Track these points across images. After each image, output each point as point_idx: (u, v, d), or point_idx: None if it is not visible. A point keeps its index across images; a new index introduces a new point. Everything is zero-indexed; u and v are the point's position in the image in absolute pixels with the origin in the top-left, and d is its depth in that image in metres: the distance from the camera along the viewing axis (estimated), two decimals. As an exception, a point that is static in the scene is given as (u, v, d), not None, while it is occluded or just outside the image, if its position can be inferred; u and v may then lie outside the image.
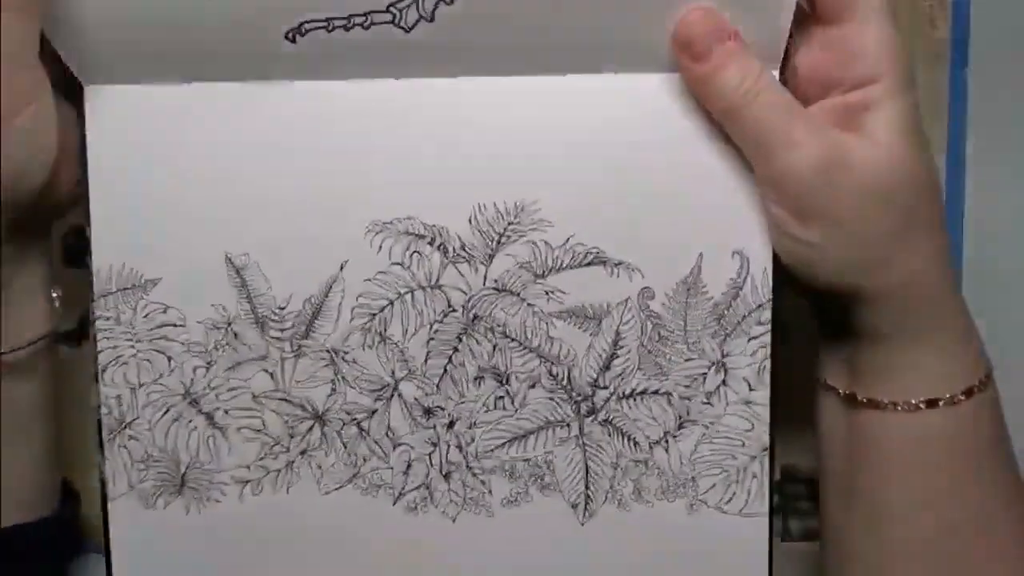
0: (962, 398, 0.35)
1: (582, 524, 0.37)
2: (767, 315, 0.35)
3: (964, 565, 0.35)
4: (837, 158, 0.32)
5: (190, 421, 0.38)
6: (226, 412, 0.38)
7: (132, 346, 0.38)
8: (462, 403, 0.37)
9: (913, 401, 0.35)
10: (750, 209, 0.35)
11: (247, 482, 0.38)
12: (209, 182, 0.37)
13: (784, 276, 0.35)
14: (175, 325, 0.38)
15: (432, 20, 0.33)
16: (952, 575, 0.35)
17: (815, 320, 0.38)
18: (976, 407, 0.35)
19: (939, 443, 0.35)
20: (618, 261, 0.36)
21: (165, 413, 0.38)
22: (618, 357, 0.36)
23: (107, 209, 0.37)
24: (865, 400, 0.35)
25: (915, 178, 0.33)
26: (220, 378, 0.38)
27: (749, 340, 0.36)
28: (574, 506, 0.37)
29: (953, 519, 0.35)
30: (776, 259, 0.35)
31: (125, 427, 0.38)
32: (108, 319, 0.38)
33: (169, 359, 0.38)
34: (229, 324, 0.37)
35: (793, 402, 0.38)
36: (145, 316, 0.38)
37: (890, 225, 0.33)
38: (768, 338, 0.36)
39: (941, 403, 0.35)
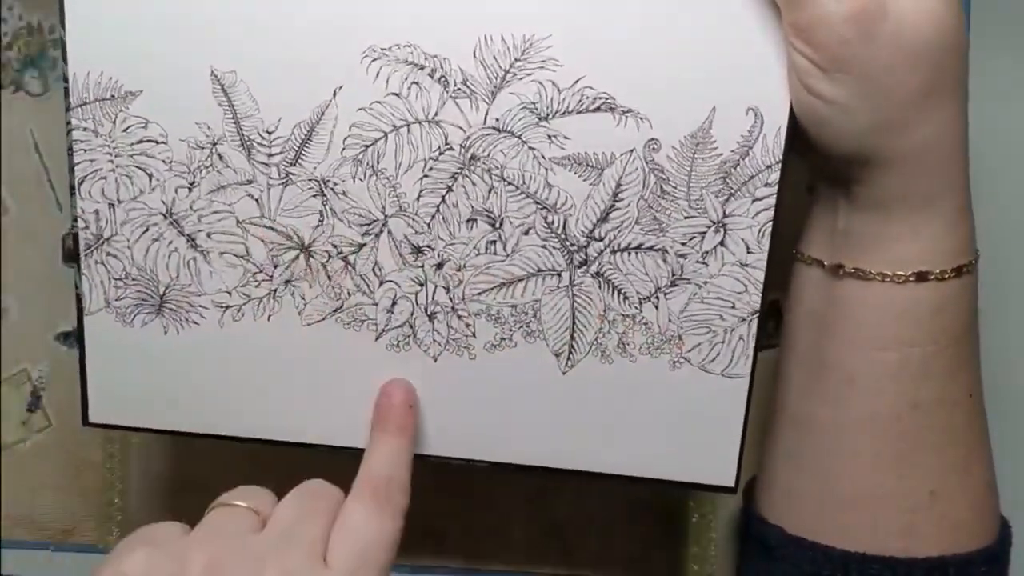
0: (951, 275, 0.34)
1: (563, 373, 0.37)
2: (775, 177, 0.34)
3: (924, 444, 0.36)
4: (876, 8, 0.31)
5: (171, 242, 0.37)
6: (208, 235, 0.37)
7: (111, 160, 0.36)
8: (452, 244, 0.36)
9: (902, 273, 0.34)
10: (770, 65, 0.33)
11: (227, 307, 0.37)
12: (196, -12, 0.34)
13: (794, 138, 0.34)
14: (156, 142, 0.36)
15: None
16: (912, 452, 0.36)
17: (804, 191, 0.37)
18: (960, 288, 0.35)
19: (919, 319, 0.35)
20: (627, 109, 0.34)
21: (145, 232, 0.37)
22: (617, 209, 0.35)
23: (84, 11, 0.35)
24: (852, 270, 0.35)
25: (950, 37, 0.32)
26: (203, 200, 0.36)
27: (753, 202, 0.35)
28: (557, 355, 0.36)
29: (919, 397, 0.35)
30: (790, 120, 0.34)
31: (103, 243, 0.37)
32: (85, 130, 0.36)
33: (150, 176, 0.36)
34: (214, 145, 0.36)
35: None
36: (125, 130, 0.36)
37: (919, 85, 0.32)
38: (773, 201, 0.35)
39: (931, 277, 0.34)
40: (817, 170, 0.37)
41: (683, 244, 0.35)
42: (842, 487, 0.36)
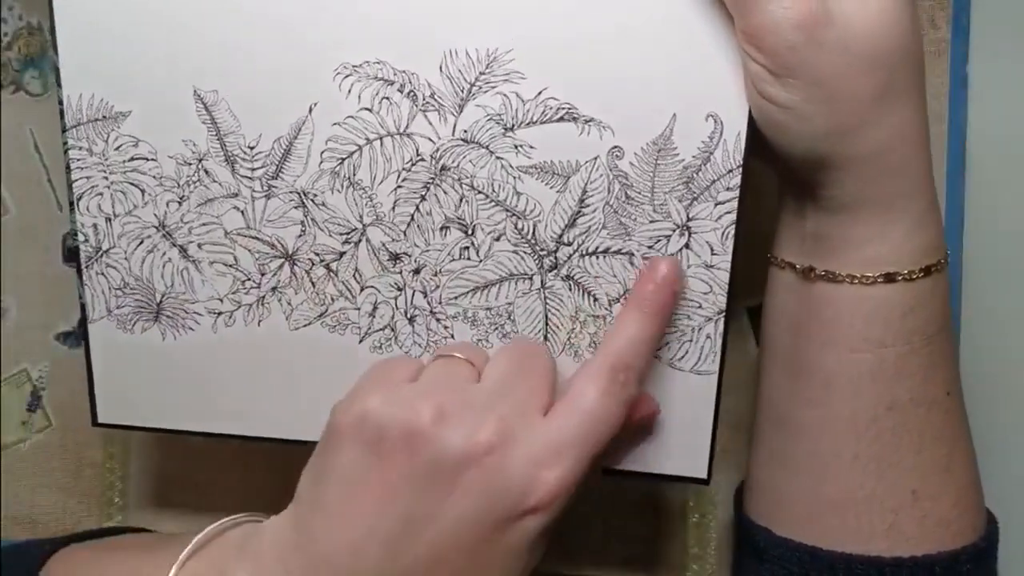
0: (920, 275, 0.35)
1: None
2: (736, 181, 0.35)
3: (904, 444, 0.36)
4: (821, 14, 0.31)
5: (164, 253, 0.39)
6: (199, 246, 0.39)
7: (106, 177, 0.38)
8: (428, 251, 0.37)
9: (871, 275, 0.35)
10: (728, 72, 0.34)
11: (220, 313, 0.39)
12: (178, 13, 0.36)
13: (756, 144, 0.35)
14: (147, 159, 0.38)
15: None
16: (892, 452, 0.36)
17: (772, 195, 0.38)
18: (931, 287, 0.35)
19: (890, 320, 0.35)
20: (589, 118, 0.35)
21: (140, 244, 0.39)
22: (583, 215, 0.36)
23: (74, 37, 0.37)
24: (822, 273, 0.36)
25: (900, 41, 0.32)
26: (193, 213, 0.38)
27: (716, 205, 0.35)
28: (532, 355, 0.38)
29: (896, 397, 0.36)
30: (749, 126, 0.34)
31: (102, 255, 0.39)
32: (81, 149, 0.38)
33: (142, 191, 0.38)
34: (200, 160, 0.38)
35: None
36: (117, 148, 0.38)
37: (871, 88, 0.32)
38: (735, 204, 0.35)
39: (899, 278, 0.35)
40: (782, 175, 0.37)
41: (649, 247, 0.36)
42: (825, 488, 0.37)
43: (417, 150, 0.36)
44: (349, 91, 0.36)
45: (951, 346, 0.37)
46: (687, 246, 0.36)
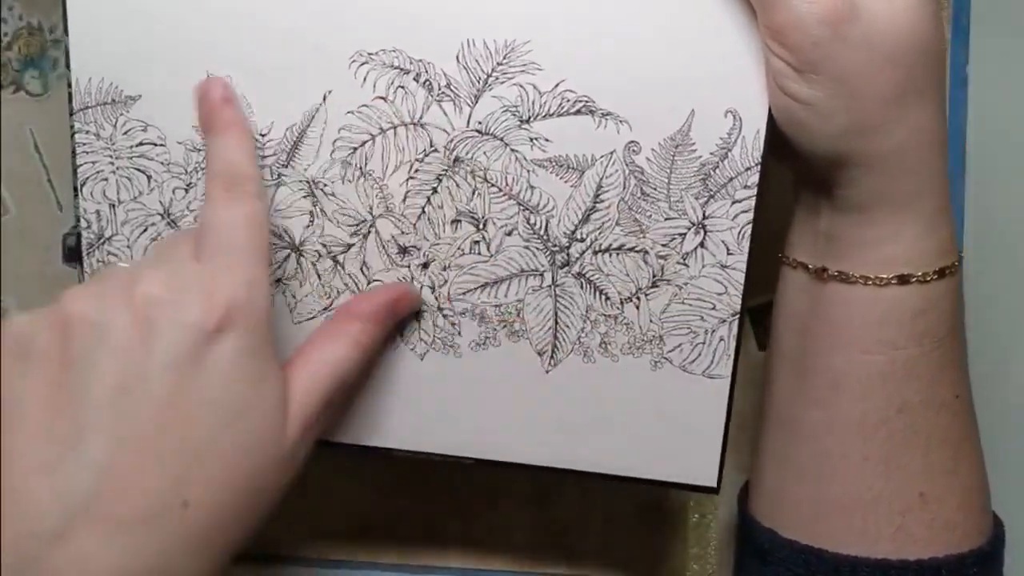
0: (934, 277, 0.34)
1: (546, 372, 0.37)
2: (754, 179, 0.35)
3: (912, 446, 0.36)
4: (847, 9, 0.31)
5: (168, 241, 0.38)
6: (204, 235, 0.38)
7: (112, 162, 0.38)
8: (438, 245, 0.37)
9: (884, 276, 0.34)
10: (749, 68, 0.34)
11: (223, 305, 0.38)
12: (192, -3, 0.36)
13: (773, 142, 0.34)
14: (155, 144, 0.37)
15: None
16: (900, 455, 0.36)
17: (782, 195, 0.37)
18: (944, 290, 0.35)
19: (902, 321, 0.35)
20: (607, 112, 0.35)
21: (144, 231, 0.38)
22: (598, 211, 0.36)
23: (86, 19, 0.36)
24: (835, 273, 0.35)
25: (924, 38, 0.32)
26: (199, 200, 0.38)
27: (733, 203, 0.35)
28: (540, 353, 0.37)
29: (905, 400, 0.35)
30: (769, 123, 0.34)
31: (104, 242, 0.38)
32: (87, 133, 0.37)
33: (149, 178, 0.38)
34: (209, 147, 0.37)
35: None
36: (125, 133, 0.37)
37: (893, 86, 0.32)
38: (752, 203, 0.35)
39: (913, 280, 0.34)
40: (797, 174, 0.37)
41: (663, 245, 0.36)
42: (832, 490, 0.36)
43: (431, 141, 0.36)
44: (364, 79, 0.36)
45: (962, 348, 0.37)
46: (702, 245, 0.35)
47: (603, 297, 0.36)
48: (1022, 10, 0.46)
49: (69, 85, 0.37)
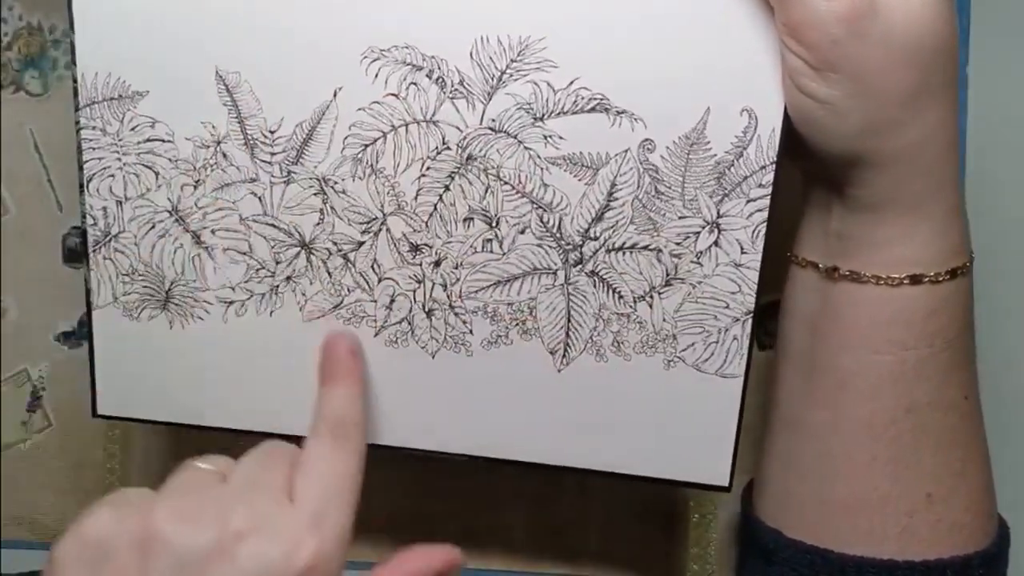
0: (945, 277, 0.34)
1: (559, 371, 0.37)
2: (769, 178, 0.34)
3: (920, 447, 0.36)
4: (866, 7, 0.31)
5: (176, 239, 0.38)
6: (213, 232, 0.37)
7: (119, 158, 0.37)
8: (450, 243, 0.36)
9: (896, 276, 0.34)
10: (765, 66, 0.33)
11: (231, 303, 0.38)
12: (201, -9, 0.35)
13: (787, 142, 0.34)
14: (163, 140, 0.37)
15: None
16: (908, 455, 0.36)
17: (800, 193, 0.37)
18: (955, 291, 0.35)
19: (913, 322, 0.35)
20: (621, 110, 0.34)
21: (151, 228, 0.38)
22: (611, 209, 0.35)
23: (92, 13, 0.36)
24: (847, 273, 0.35)
25: (940, 37, 0.32)
26: (208, 198, 0.37)
27: (747, 202, 0.35)
28: (552, 352, 0.37)
29: (914, 400, 0.35)
30: (784, 121, 0.34)
31: (110, 239, 0.38)
32: (94, 129, 0.37)
33: (156, 174, 0.37)
34: (218, 143, 0.37)
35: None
36: (132, 129, 0.37)
37: (909, 85, 0.32)
38: (767, 202, 0.35)
39: (925, 280, 0.34)
40: (809, 173, 0.37)
41: (677, 244, 0.35)
42: (838, 490, 0.36)
43: (443, 138, 0.35)
44: (376, 76, 0.35)
45: (971, 349, 0.37)
46: (716, 243, 0.35)
47: (616, 296, 0.36)
48: (1022, 10, 0.46)
49: (75, 80, 0.37)
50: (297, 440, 0.38)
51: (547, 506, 0.50)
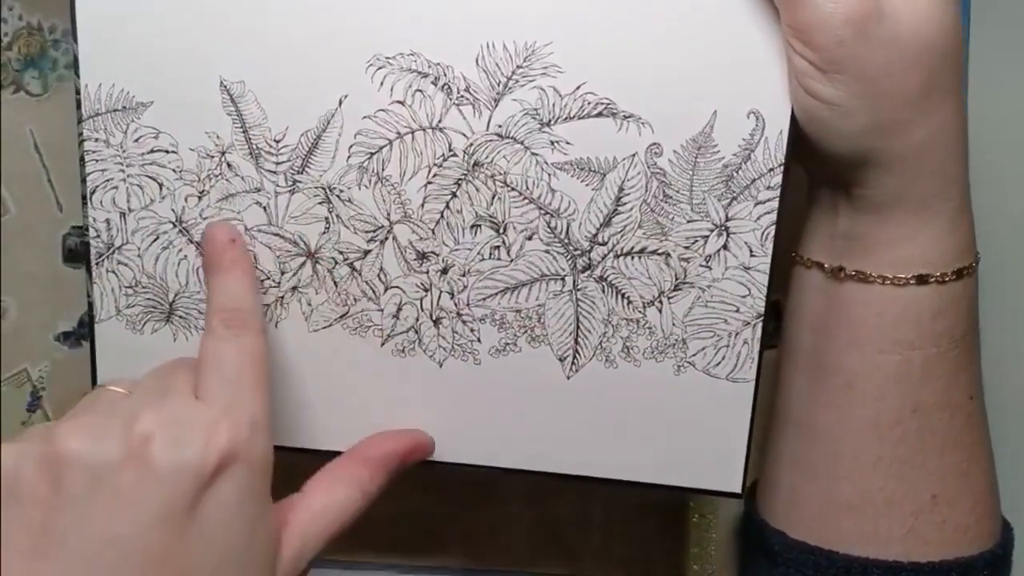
0: (952, 277, 0.34)
1: (568, 378, 0.37)
2: (778, 180, 0.34)
3: (925, 448, 0.36)
4: (872, 8, 0.31)
5: (180, 250, 0.37)
6: (217, 243, 0.37)
7: (122, 170, 0.37)
8: (457, 250, 0.36)
9: (903, 276, 0.34)
10: (770, 68, 0.33)
11: (236, 315, 0.37)
12: (204, 1, 0.35)
13: (794, 142, 0.34)
14: (167, 151, 0.37)
15: None
16: (913, 456, 0.35)
17: (805, 193, 0.37)
18: (961, 291, 0.35)
19: (919, 322, 0.35)
20: (628, 114, 0.34)
21: (155, 240, 0.37)
22: (619, 214, 0.35)
23: (95, 24, 0.36)
24: (853, 273, 0.35)
25: (946, 38, 0.32)
26: (212, 208, 0.37)
27: (756, 205, 0.35)
28: (561, 359, 0.37)
29: (920, 401, 0.35)
30: (792, 123, 0.34)
31: (114, 252, 0.38)
32: (97, 140, 0.37)
33: (160, 185, 0.37)
34: (223, 154, 0.36)
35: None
36: (136, 140, 0.37)
37: (916, 85, 0.32)
38: (776, 204, 0.35)
39: (931, 280, 0.34)
40: (814, 174, 0.37)
41: (686, 248, 0.35)
42: (843, 491, 0.36)
43: (449, 145, 0.35)
44: (381, 83, 0.35)
45: (976, 350, 0.37)
46: (725, 247, 0.35)
47: (625, 301, 0.36)
48: (1022, 10, 0.46)
49: (77, 92, 0.36)
50: (316, 456, 0.37)
51: (547, 506, 0.49)
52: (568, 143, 0.35)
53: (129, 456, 0.28)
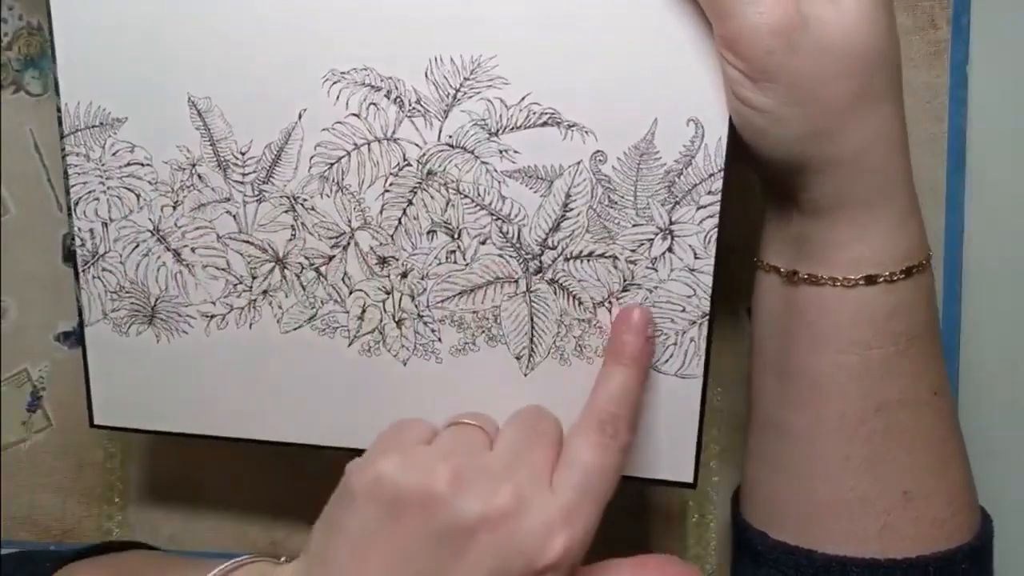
0: (901, 276, 0.35)
1: (525, 375, 0.38)
2: (718, 185, 0.35)
3: (893, 445, 0.36)
4: (797, 19, 0.31)
5: (159, 257, 0.40)
6: (192, 250, 0.39)
7: (102, 182, 0.39)
8: (415, 255, 0.38)
9: (852, 277, 0.35)
10: (708, 76, 0.34)
11: (212, 317, 0.40)
12: (172, 23, 0.37)
13: (737, 148, 0.35)
14: (142, 164, 0.39)
15: None
16: (881, 454, 0.36)
17: (761, 199, 0.38)
18: (913, 289, 0.35)
19: (874, 321, 0.35)
20: (572, 123, 0.36)
21: (135, 248, 0.40)
22: (567, 219, 0.36)
23: (72, 45, 0.38)
24: (805, 276, 0.36)
25: (876, 43, 0.32)
26: (186, 218, 0.39)
27: (698, 209, 0.36)
28: (518, 358, 0.38)
29: (883, 399, 0.36)
30: (730, 130, 0.35)
31: (98, 259, 0.40)
32: (78, 155, 0.39)
33: (138, 196, 0.39)
34: (193, 166, 0.38)
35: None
36: (114, 154, 0.39)
37: (846, 92, 0.32)
38: (717, 208, 0.36)
39: (880, 280, 0.35)
40: (765, 179, 0.37)
41: (632, 251, 0.36)
42: (817, 491, 0.37)
43: (404, 155, 0.37)
44: (337, 97, 0.37)
45: (938, 346, 0.37)
46: (670, 250, 0.36)
47: (576, 302, 0.37)
48: (1022, 10, 0.46)
49: (58, 110, 0.39)
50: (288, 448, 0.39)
51: None
52: (516, 152, 0.36)
53: (485, 522, 0.31)
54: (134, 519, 0.51)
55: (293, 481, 0.49)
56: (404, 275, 0.38)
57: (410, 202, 0.37)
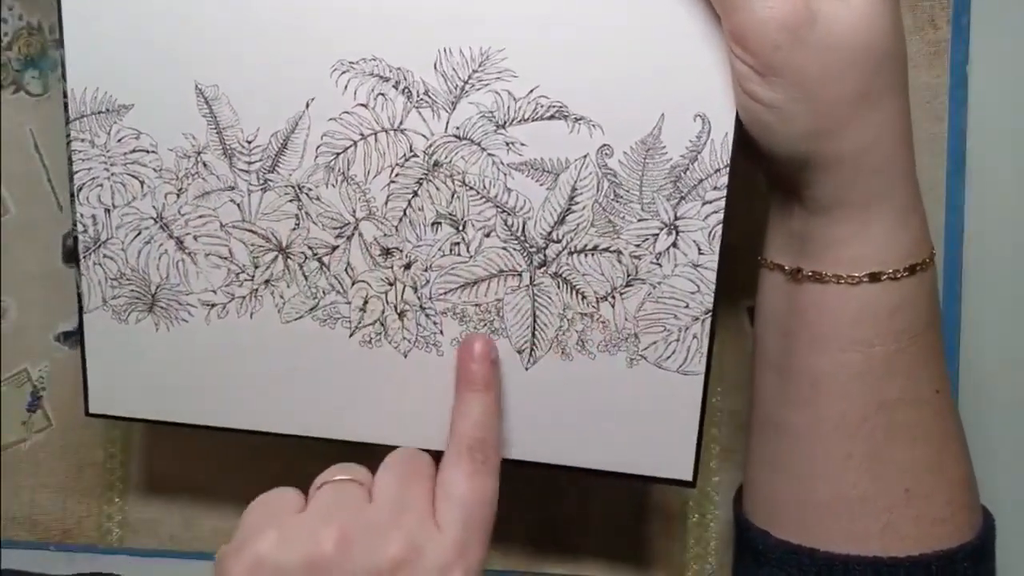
0: (904, 274, 0.35)
1: (526, 369, 0.38)
2: (724, 180, 0.35)
3: (894, 443, 0.36)
4: (806, 14, 0.32)
5: (161, 244, 0.39)
6: (195, 238, 0.39)
7: (107, 169, 0.39)
8: (419, 246, 0.38)
9: (856, 275, 0.35)
10: (716, 72, 0.35)
11: (213, 305, 0.40)
12: (181, 10, 0.37)
13: (743, 145, 0.35)
14: (147, 151, 0.39)
15: None
16: (883, 452, 0.36)
17: (766, 197, 0.38)
18: (916, 286, 0.35)
19: (877, 319, 0.35)
20: (579, 116, 0.36)
21: (137, 235, 0.40)
22: (573, 212, 0.37)
23: (80, 31, 0.38)
24: (809, 273, 0.36)
25: (882, 40, 0.32)
26: (190, 205, 0.39)
27: (703, 204, 0.36)
28: (520, 351, 0.38)
29: (885, 397, 0.36)
30: (737, 125, 0.35)
31: (100, 246, 0.40)
32: (83, 141, 0.39)
33: (142, 183, 0.39)
34: (199, 154, 0.38)
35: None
36: (119, 140, 0.39)
37: (852, 89, 0.33)
38: (723, 204, 0.36)
39: (884, 277, 0.35)
40: (769, 176, 0.38)
41: (637, 246, 0.37)
42: (819, 490, 0.37)
43: (410, 146, 0.37)
44: (345, 87, 0.37)
45: (940, 344, 0.37)
46: (675, 245, 0.36)
47: (579, 296, 0.37)
48: (1022, 10, 0.46)
49: (64, 96, 0.39)
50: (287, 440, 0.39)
51: (547, 506, 0.50)
52: (522, 144, 0.36)
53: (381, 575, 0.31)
54: (134, 519, 0.51)
55: (293, 482, 0.49)
56: (407, 266, 0.38)
57: (415, 193, 0.37)
